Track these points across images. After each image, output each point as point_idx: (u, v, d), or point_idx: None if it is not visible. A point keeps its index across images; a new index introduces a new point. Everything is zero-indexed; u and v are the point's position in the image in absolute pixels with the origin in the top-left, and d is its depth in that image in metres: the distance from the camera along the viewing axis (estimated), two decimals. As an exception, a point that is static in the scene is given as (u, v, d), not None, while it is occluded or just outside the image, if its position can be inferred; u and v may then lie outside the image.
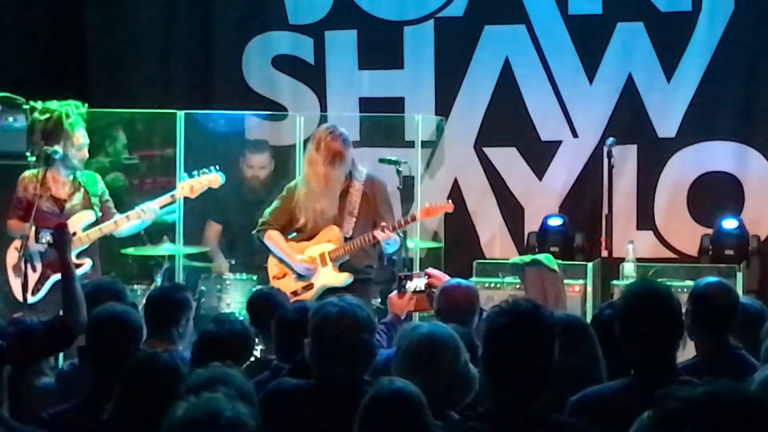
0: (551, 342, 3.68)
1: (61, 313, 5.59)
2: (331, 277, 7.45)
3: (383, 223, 7.36)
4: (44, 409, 4.50)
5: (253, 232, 7.75)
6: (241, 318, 5.60)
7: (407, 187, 8.26)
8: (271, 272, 7.67)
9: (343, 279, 7.45)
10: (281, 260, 7.58)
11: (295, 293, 7.37)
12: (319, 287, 7.44)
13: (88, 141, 7.85)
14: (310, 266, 7.46)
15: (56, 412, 4.41)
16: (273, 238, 7.58)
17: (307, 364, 4.43)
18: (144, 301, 6.08)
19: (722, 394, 2.57)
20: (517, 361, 3.64)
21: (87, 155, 7.87)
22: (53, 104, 7.84)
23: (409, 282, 6.19)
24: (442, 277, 6.17)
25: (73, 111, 7.78)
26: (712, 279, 5.38)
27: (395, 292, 6.24)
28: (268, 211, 7.72)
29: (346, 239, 7.44)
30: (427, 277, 6.19)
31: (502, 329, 3.69)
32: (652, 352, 4.07)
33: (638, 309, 4.13)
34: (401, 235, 7.63)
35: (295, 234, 7.61)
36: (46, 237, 6.98)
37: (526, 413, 3.65)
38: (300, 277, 7.54)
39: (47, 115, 7.81)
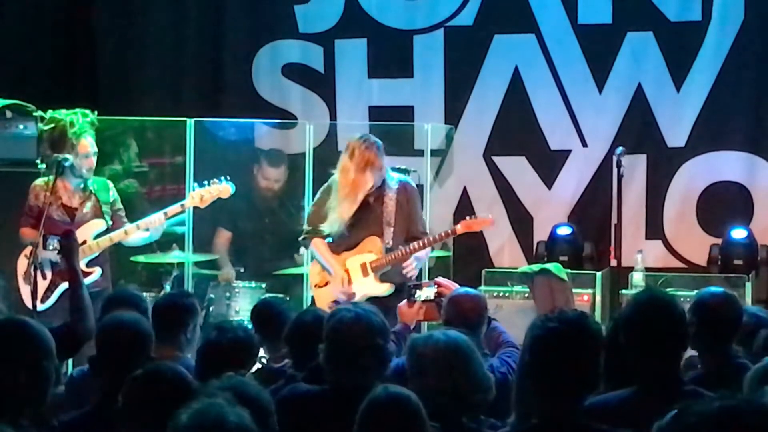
0: (598, 349, 3.69)
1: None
2: (372, 287, 7.40)
3: (415, 242, 7.35)
4: (53, 417, 4.51)
5: (299, 239, 7.77)
6: (244, 325, 5.60)
7: (417, 195, 8.26)
8: (313, 281, 7.66)
9: (385, 289, 7.39)
10: (324, 268, 7.56)
11: (336, 302, 7.34)
12: (361, 297, 7.39)
13: (95, 149, 7.83)
14: (344, 288, 7.43)
15: (66, 420, 4.41)
16: (318, 246, 7.57)
17: (321, 371, 4.43)
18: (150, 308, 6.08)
19: (739, 409, 2.57)
20: (564, 367, 3.65)
21: (94, 164, 7.84)
22: (61, 113, 7.86)
23: (418, 291, 6.15)
24: (451, 287, 6.15)
25: (78, 120, 7.79)
26: (716, 289, 5.35)
27: (405, 301, 6.22)
28: (307, 217, 7.72)
29: (387, 250, 7.44)
30: (436, 286, 6.17)
31: (550, 336, 3.70)
32: (656, 361, 4.07)
33: (642, 318, 4.14)
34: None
35: (331, 240, 7.62)
36: (54, 244, 6.99)
37: (574, 422, 3.65)
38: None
39: (52, 125, 7.85)
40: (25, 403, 3.82)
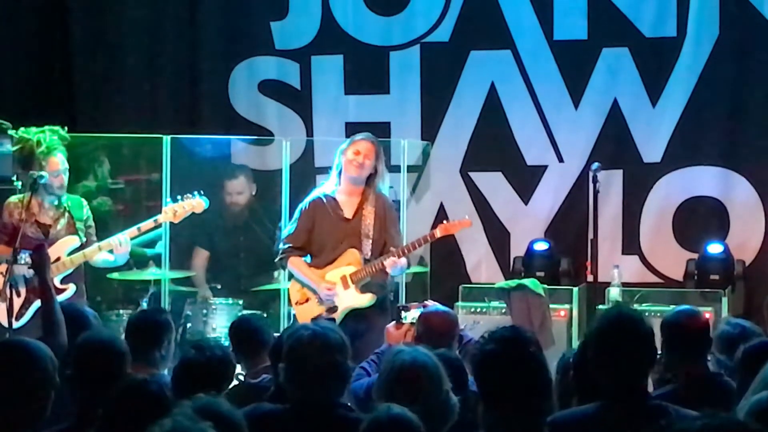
0: (538, 360, 3.69)
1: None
2: (354, 299, 7.44)
3: (392, 248, 7.38)
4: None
5: (276, 260, 7.81)
6: (221, 344, 5.59)
7: (393, 211, 8.25)
8: (293, 298, 7.66)
9: (366, 300, 7.44)
10: (305, 285, 7.57)
11: (318, 317, 7.33)
12: (343, 310, 7.43)
13: (66, 166, 7.77)
14: (329, 292, 7.46)
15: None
16: (296, 264, 7.59)
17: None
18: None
19: (720, 427, 2.57)
20: (511, 385, 3.65)
21: (65, 181, 7.78)
22: (30, 132, 7.82)
23: (406, 313, 6.12)
24: None
25: (46, 138, 7.74)
26: (682, 307, 5.50)
27: (393, 323, 6.20)
28: (284, 235, 7.72)
29: (365, 261, 7.46)
30: (425, 308, 6.14)
31: (489, 358, 3.71)
32: (623, 376, 4.09)
33: (609, 334, 4.16)
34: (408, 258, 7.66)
35: (310, 259, 7.61)
36: (25, 258, 6.97)
37: None
38: (323, 301, 7.52)
39: (20, 145, 7.83)
40: (25, 424, 3.83)
